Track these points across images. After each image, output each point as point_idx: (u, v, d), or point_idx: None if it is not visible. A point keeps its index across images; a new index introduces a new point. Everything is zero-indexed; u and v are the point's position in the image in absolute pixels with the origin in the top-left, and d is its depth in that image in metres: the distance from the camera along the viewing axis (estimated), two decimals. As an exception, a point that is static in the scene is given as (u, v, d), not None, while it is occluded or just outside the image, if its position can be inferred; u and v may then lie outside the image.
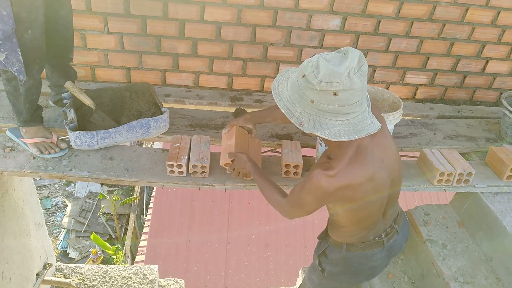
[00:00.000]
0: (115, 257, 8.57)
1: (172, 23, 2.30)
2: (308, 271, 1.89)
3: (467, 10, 2.43)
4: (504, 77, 2.76)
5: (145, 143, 8.98)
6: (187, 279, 4.97)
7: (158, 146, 8.13)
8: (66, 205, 10.75)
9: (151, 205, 6.50)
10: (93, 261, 8.52)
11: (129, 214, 9.94)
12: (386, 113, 1.94)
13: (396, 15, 2.40)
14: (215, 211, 6.14)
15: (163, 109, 2.01)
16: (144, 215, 9.61)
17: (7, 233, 2.45)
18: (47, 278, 2.88)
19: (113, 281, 3.06)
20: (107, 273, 3.11)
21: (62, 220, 10.26)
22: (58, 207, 10.80)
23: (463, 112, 2.70)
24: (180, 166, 1.84)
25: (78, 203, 10.45)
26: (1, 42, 1.54)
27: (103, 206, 9.78)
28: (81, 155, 1.91)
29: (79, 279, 3.05)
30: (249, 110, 2.39)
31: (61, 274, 3.10)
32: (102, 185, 10.92)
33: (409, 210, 2.42)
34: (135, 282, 3.06)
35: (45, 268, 2.94)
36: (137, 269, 3.17)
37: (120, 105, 2.12)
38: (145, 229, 6.22)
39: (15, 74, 1.62)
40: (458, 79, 2.74)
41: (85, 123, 1.96)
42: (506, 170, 2.08)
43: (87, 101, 1.89)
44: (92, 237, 8.71)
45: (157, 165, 1.92)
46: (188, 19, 2.29)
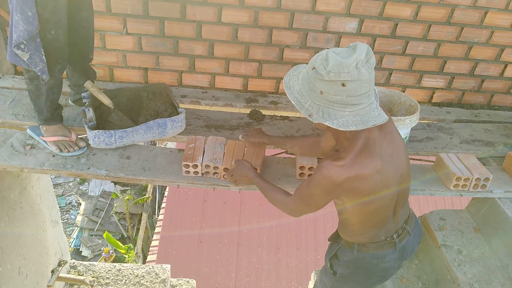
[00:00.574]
0: (127, 256, 8.65)
1: (189, 24, 2.32)
2: (319, 274, 1.89)
3: (486, 13, 2.41)
4: (523, 81, 2.73)
5: (158, 142, 9.06)
6: (198, 280, 4.99)
7: (171, 145, 8.19)
8: (79, 204, 10.90)
9: (163, 205, 6.55)
10: (105, 259, 8.61)
11: (141, 213, 10.03)
12: (402, 116, 1.93)
13: (413, 18, 2.39)
14: (226, 212, 6.16)
15: (180, 110, 2.03)
16: (156, 215, 9.69)
17: (25, 230, 2.50)
18: (62, 275, 2.93)
19: (126, 280, 3.09)
20: (120, 271, 3.15)
21: (75, 218, 10.40)
22: (72, 206, 10.96)
23: (481, 116, 2.66)
24: (195, 166, 1.86)
25: (91, 201, 10.59)
26: (26, 42, 1.58)
27: (116, 205, 9.89)
28: (99, 154, 1.94)
29: (93, 277, 3.09)
30: (264, 111, 2.40)
31: (75, 271, 3.14)
32: (115, 184, 11.04)
33: (424, 214, 2.40)
34: (147, 281, 3.09)
35: (60, 265, 2.99)
36: (150, 268, 3.20)
37: (137, 105, 2.15)
38: (157, 229, 6.27)
39: (38, 73, 1.66)
40: (475, 83, 2.71)
41: (103, 122, 1.99)
42: (524, 176, 2.05)
43: (106, 100, 1.92)
44: (104, 235, 8.81)
45: (173, 165, 1.94)
46: (205, 21, 2.32)
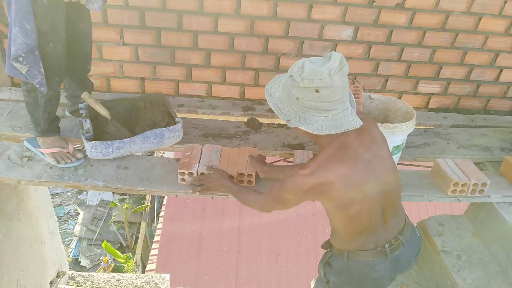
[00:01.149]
0: (126, 265, 8.60)
1: (186, 34, 2.34)
2: (315, 283, 1.89)
3: (480, 19, 2.43)
4: (518, 86, 2.74)
5: (156, 152, 9.04)
6: (198, 288, 4.96)
7: (169, 155, 8.18)
8: (78, 213, 10.84)
9: (162, 214, 6.53)
10: (104, 269, 8.55)
11: (140, 222, 9.99)
12: (399, 122, 1.94)
13: (408, 25, 2.41)
14: (225, 220, 6.14)
15: (177, 119, 2.04)
16: (155, 224, 9.65)
17: (22, 241, 2.49)
18: (60, 286, 2.91)
19: (125, 290, 3.08)
20: (119, 281, 3.13)
21: (74, 228, 10.35)
22: (70, 215, 10.91)
23: (477, 121, 2.68)
24: (191, 174, 1.87)
25: (90, 211, 10.54)
26: (24, 55, 1.58)
27: (114, 214, 9.84)
28: (97, 165, 1.94)
29: (91, 288, 3.08)
30: (261, 119, 2.40)
31: (74, 282, 3.12)
32: (113, 193, 11.01)
33: (422, 220, 2.40)
34: (147, 291, 3.08)
35: (58, 276, 2.97)
36: (149, 278, 3.19)
37: (134, 115, 2.15)
38: (156, 238, 6.24)
39: (37, 86, 1.66)
40: (471, 88, 2.73)
41: (100, 133, 1.99)
42: (522, 180, 2.06)
43: (103, 111, 1.93)
44: (103, 245, 8.76)
45: (171, 175, 1.94)
46: (201, 31, 2.33)
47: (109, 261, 8.76)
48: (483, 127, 2.62)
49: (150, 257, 6.15)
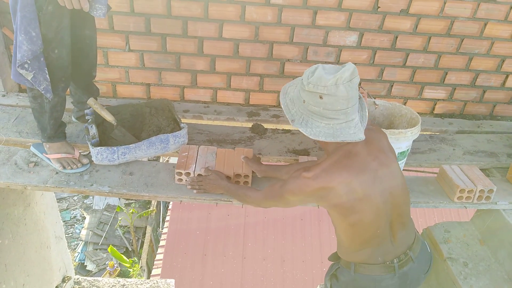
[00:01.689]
0: (131, 270, 8.62)
1: (191, 40, 2.35)
2: None
3: (485, 25, 2.42)
4: (525, 91, 2.72)
5: (161, 157, 9.08)
6: (203, 294, 4.95)
7: (174, 160, 8.20)
8: (84, 218, 10.90)
9: (167, 218, 6.54)
10: (109, 273, 8.58)
11: (146, 227, 10.01)
12: (404, 129, 1.93)
13: (413, 30, 2.40)
14: (231, 225, 6.14)
15: (182, 125, 2.05)
16: (160, 228, 9.66)
17: (29, 246, 2.51)
18: (66, 291, 2.92)
19: (130, 295, 3.08)
20: (124, 286, 3.14)
21: (80, 232, 10.40)
22: (76, 220, 10.96)
23: (483, 127, 2.66)
24: (188, 174, 1.89)
25: (96, 215, 10.59)
26: (30, 61, 1.60)
27: (120, 218, 9.88)
28: (102, 170, 1.95)
29: (97, 293, 3.08)
30: (266, 125, 2.40)
31: (79, 287, 3.13)
32: (119, 198, 11.05)
33: (428, 227, 2.38)
34: (152, 296, 3.08)
35: (64, 281, 2.98)
36: (154, 283, 3.19)
37: (140, 121, 2.16)
38: (162, 242, 6.25)
39: (42, 92, 1.68)
40: (477, 94, 2.71)
41: (106, 139, 2.01)
42: (529, 187, 2.04)
43: (109, 117, 1.94)
44: (109, 249, 8.79)
45: (176, 181, 1.95)
46: (206, 37, 2.34)
47: (115, 265, 8.79)
48: (489, 133, 2.61)
49: (155, 262, 6.16)
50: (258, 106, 2.62)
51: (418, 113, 2.25)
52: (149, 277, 7.50)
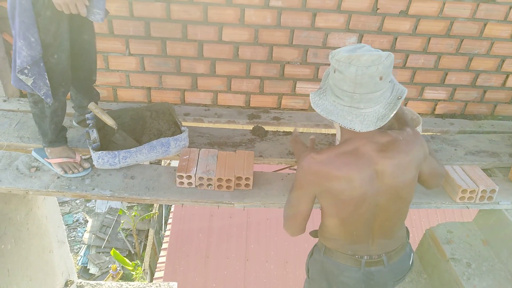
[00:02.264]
0: (134, 273, 8.61)
1: (191, 44, 2.35)
2: None
3: (485, 25, 2.42)
4: (526, 91, 2.72)
5: (163, 161, 9.08)
6: (206, 296, 4.94)
7: (176, 164, 8.20)
8: (86, 221, 10.90)
9: (170, 221, 6.54)
10: (112, 277, 8.58)
11: (148, 229, 10.01)
12: (405, 130, 1.93)
13: (413, 31, 2.40)
14: (233, 227, 6.13)
15: (183, 128, 2.05)
16: (163, 231, 9.66)
17: (31, 251, 2.51)
18: (69, 295, 2.93)
19: (133, 299, 3.08)
20: (127, 290, 3.14)
21: (83, 235, 10.40)
22: (79, 223, 10.97)
23: (485, 127, 2.65)
24: (189, 177, 1.89)
25: (98, 218, 10.59)
26: (29, 67, 1.61)
27: (122, 221, 9.88)
28: (103, 174, 1.95)
29: (99, 296, 3.08)
30: (266, 127, 2.41)
31: (82, 291, 3.14)
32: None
33: (431, 227, 2.38)
34: (154, 299, 3.08)
35: (66, 285, 2.99)
36: (157, 287, 3.19)
37: (141, 125, 2.17)
38: (164, 245, 6.25)
39: (42, 97, 1.69)
40: (478, 94, 2.71)
41: (107, 143, 2.01)
42: (531, 186, 2.03)
43: (109, 121, 1.94)
44: (112, 252, 8.78)
45: (177, 184, 1.95)
46: (206, 40, 2.35)
47: (118, 268, 8.79)
48: (490, 132, 2.60)
49: (158, 265, 6.16)
50: (258, 108, 2.62)
51: (419, 113, 2.25)
52: (152, 280, 7.49)
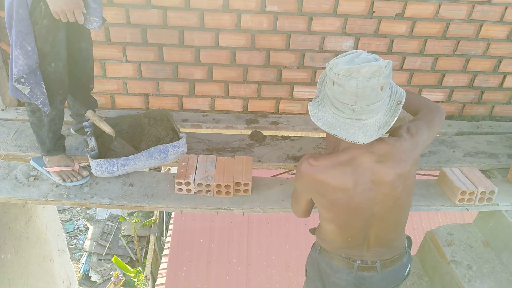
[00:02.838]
0: (136, 279, 8.58)
1: (188, 50, 2.36)
2: None
3: (481, 26, 2.42)
4: (523, 91, 2.72)
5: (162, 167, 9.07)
6: (208, 302, 4.92)
7: (175, 170, 8.18)
8: (87, 228, 10.88)
9: (170, 227, 6.53)
10: (114, 284, 8.55)
11: (149, 236, 9.98)
12: (402, 132, 1.93)
13: (409, 34, 2.41)
14: (234, 232, 6.12)
15: (181, 135, 2.05)
16: (164, 237, 9.64)
17: (31, 260, 2.50)
18: (69, 303, 2.91)
19: (134, 306, 3.07)
20: (128, 297, 3.12)
21: (84, 243, 10.38)
22: (80, 230, 10.95)
23: (483, 128, 2.65)
24: (188, 183, 1.89)
25: (99, 225, 10.57)
26: (26, 76, 1.61)
27: (123, 228, 9.86)
28: (102, 182, 1.95)
29: (100, 304, 3.07)
30: (265, 132, 2.41)
31: (83, 299, 3.12)
32: (122, 207, 11.02)
33: (431, 230, 2.37)
34: (155, 306, 3.06)
35: (67, 293, 2.97)
36: (158, 293, 3.17)
37: (139, 132, 2.17)
38: (165, 251, 6.23)
39: (40, 106, 1.69)
40: (475, 95, 2.71)
41: (105, 151, 2.01)
42: (530, 187, 2.03)
43: (107, 129, 1.94)
44: (113, 259, 8.76)
45: (176, 191, 1.94)
46: (203, 46, 2.35)
47: (119, 275, 8.76)
48: (489, 133, 2.60)
49: (160, 271, 6.14)
50: (256, 113, 2.62)
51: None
52: (153, 287, 7.46)
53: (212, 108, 2.60)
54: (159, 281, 5.82)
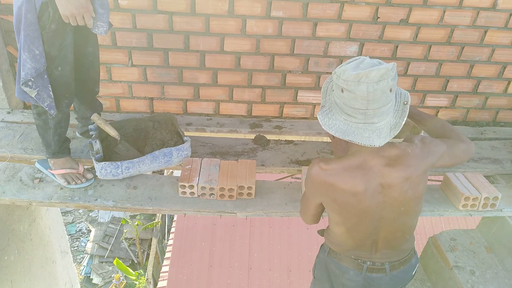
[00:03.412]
0: (137, 282, 8.59)
1: (193, 54, 2.37)
2: None
3: (486, 32, 2.43)
4: (527, 97, 2.72)
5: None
6: (209, 306, 4.91)
7: (178, 173, 8.20)
8: (89, 231, 10.90)
9: (172, 230, 6.53)
10: (115, 286, 8.55)
11: (151, 238, 9.98)
12: (406, 137, 1.93)
13: (413, 39, 2.42)
14: (236, 235, 6.11)
15: (185, 138, 2.06)
16: (166, 240, 9.64)
17: (34, 262, 2.51)
18: (72, 305, 2.92)
19: (136, 309, 3.07)
20: (131, 300, 3.12)
21: (86, 245, 10.39)
22: (82, 233, 10.97)
23: (487, 133, 2.65)
24: (192, 187, 1.90)
25: (101, 228, 10.59)
26: (33, 79, 1.63)
27: (125, 231, 9.87)
28: (106, 185, 1.96)
29: (103, 307, 3.07)
30: (268, 136, 2.41)
31: (85, 301, 3.13)
32: (124, 210, 11.03)
33: (434, 235, 2.37)
34: (158, 309, 3.06)
35: (70, 295, 2.97)
36: (160, 296, 3.17)
37: (143, 135, 2.18)
38: (167, 254, 6.23)
39: (46, 109, 1.70)
40: (480, 101, 2.71)
41: (110, 154, 2.02)
42: (534, 193, 2.02)
43: (112, 132, 1.96)
44: (115, 262, 8.77)
45: (180, 194, 1.95)
46: (208, 50, 2.37)
47: (121, 278, 8.76)
48: (492, 139, 2.60)
49: (161, 274, 6.14)
50: (260, 117, 2.63)
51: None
52: (155, 290, 7.46)
53: (216, 112, 2.61)
54: (160, 284, 5.82)
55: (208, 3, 2.21)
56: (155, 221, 9.78)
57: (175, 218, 6.75)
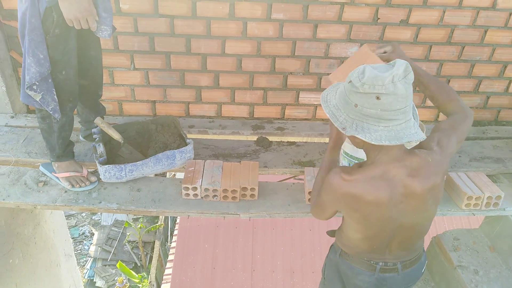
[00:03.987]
0: (140, 285, 8.59)
1: (194, 57, 2.39)
2: None
3: (486, 32, 2.44)
4: (529, 96, 2.72)
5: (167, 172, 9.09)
6: (213, 308, 4.91)
7: (181, 176, 8.20)
8: (92, 234, 10.91)
9: (175, 232, 6.54)
10: (119, 289, 8.54)
11: (154, 241, 9.98)
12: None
13: (414, 40, 2.43)
14: (239, 237, 6.12)
15: (188, 141, 2.07)
16: (169, 242, 9.64)
17: (39, 265, 2.52)
18: (76, 308, 2.93)
19: (140, 311, 3.07)
20: (135, 303, 3.13)
21: (89, 248, 10.40)
22: (85, 236, 10.98)
23: (488, 133, 2.66)
24: (195, 189, 1.91)
25: (104, 231, 10.59)
26: (38, 83, 1.64)
27: (128, 234, 9.87)
28: (110, 188, 1.97)
29: (107, 309, 3.08)
30: (270, 138, 2.42)
31: (90, 304, 3.14)
32: (127, 213, 11.04)
33: (437, 235, 2.37)
34: (162, 312, 3.07)
35: (74, 298, 2.98)
36: (164, 299, 3.18)
37: (146, 138, 2.19)
38: (170, 257, 6.24)
39: (50, 112, 1.72)
40: (481, 100, 2.72)
41: (113, 157, 2.04)
42: (536, 192, 2.03)
43: (115, 135, 1.97)
44: (118, 265, 8.77)
45: (183, 195, 1.96)
46: (209, 53, 2.38)
47: (124, 281, 8.75)
48: (494, 138, 2.60)
49: (164, 277, 6.15)
50: (262, 119, 2.65)
51: (422, 121, 2.26)
52: (158, 292, 7.46)
53: (218, 114, 2.63)
54: (164, 287, 5.83)
55: (209, 6, 2.23)
56: (158, 224, 9.79)
57: (178, 220, 6.76)
